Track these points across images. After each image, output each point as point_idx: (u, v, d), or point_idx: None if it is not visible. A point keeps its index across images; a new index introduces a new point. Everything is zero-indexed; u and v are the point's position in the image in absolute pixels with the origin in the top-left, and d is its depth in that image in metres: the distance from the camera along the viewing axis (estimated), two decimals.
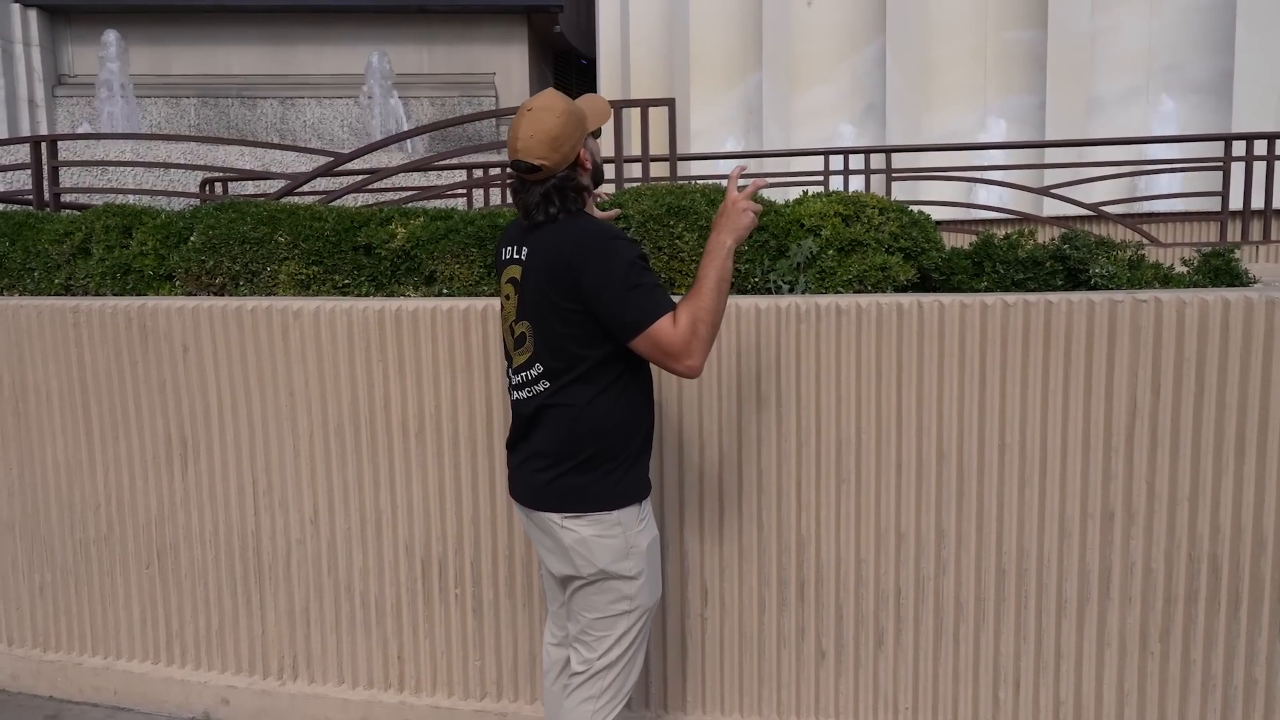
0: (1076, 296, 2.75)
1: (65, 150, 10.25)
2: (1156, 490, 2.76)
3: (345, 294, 3.43)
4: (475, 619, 3.21)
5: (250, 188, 9.35)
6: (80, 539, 3.62)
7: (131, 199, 6.78)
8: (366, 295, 3.39)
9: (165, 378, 3.40)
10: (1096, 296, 2.74)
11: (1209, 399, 2.70)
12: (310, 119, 16.91)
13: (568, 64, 21.97)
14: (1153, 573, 2.78)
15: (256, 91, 16.90)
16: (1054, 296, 2.75)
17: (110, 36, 13.68)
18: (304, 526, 3.32)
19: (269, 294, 3.49)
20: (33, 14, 16.12)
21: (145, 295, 3.63)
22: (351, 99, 16.40)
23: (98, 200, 8.24)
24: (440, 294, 3.30)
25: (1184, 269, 3.20)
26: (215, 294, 3.59)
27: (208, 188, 7.20)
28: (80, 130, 15.15)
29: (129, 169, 9.89)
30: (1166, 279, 3.08)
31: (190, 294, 3.61)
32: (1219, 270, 3.05)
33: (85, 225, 3.83)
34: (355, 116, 16.48)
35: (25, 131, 15.98)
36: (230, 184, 8.01)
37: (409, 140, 14.08)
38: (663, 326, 2.10)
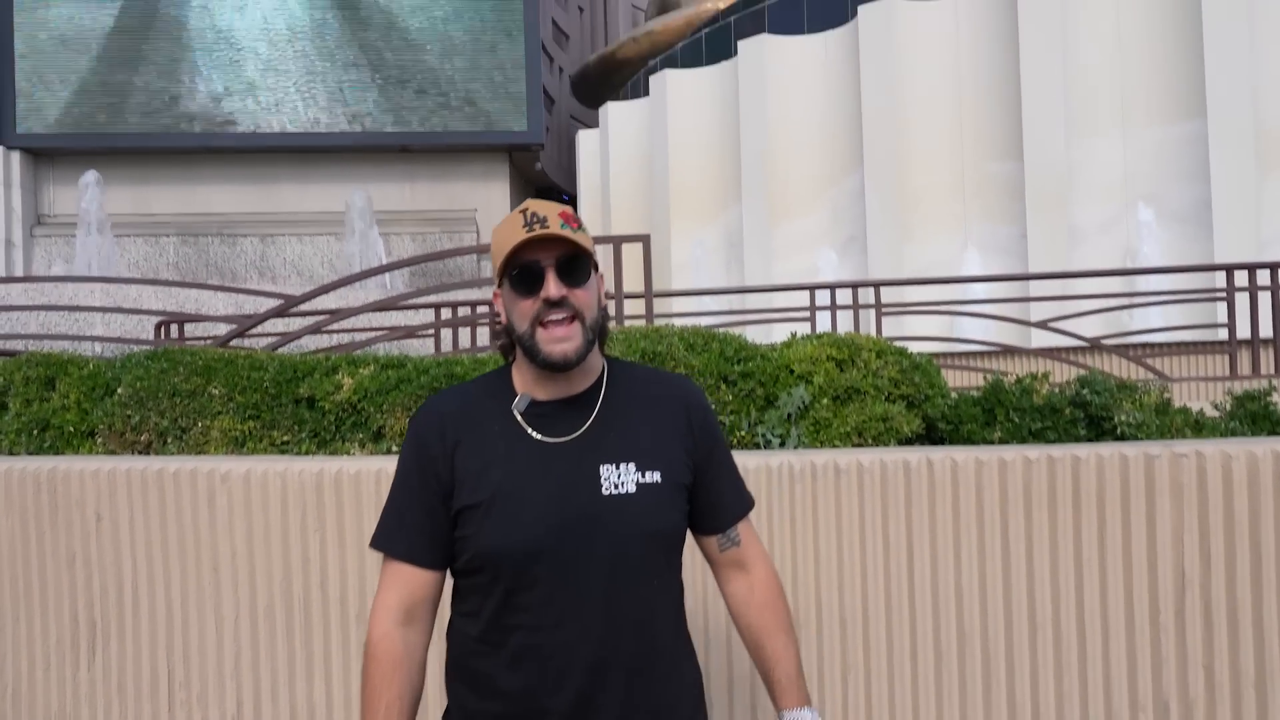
0: (1106, 449, 2.42)
1: (34, 292, 9.99)
2: (1216, 676, 2.36)
3: (284, 452, 3.07)
4: None
5: (223, 328, 9.09)
6: None
7: (76, 346, 6.46)
8: (307, 454, 3.03)
9: (75, 550, 2.99)
10: (1129, 450, 2.41)
11: (1269, 567, 2.34)
12: (290, 255, 16.91)
13: (550, 199, 22.30)
14: None
15: (237, 229, 16.94)
16: (1081, 450, 2.42)
17: (89, 177, 13.71)
18: None
19: (198, 452, 3.13)
20: (15, 156, 16.24)
21: (62, 454, 3.26)
22: (333, 235, 16.45)
23: (60, 346, 7.93)
24: (388, 452, 2.95)
25: (1215, 413, 2.90)
26: (140, 452, 3.22)
27: (162, 331, 6.91)
28: (54, 269, 15.03)
29: (61, 313, 9.51)
30: (1199, 426, 2.77)
31: (112, 452, 3.24)
32: (1256, 415, 2.74)
33: (4, 376, 3.49)
34: (335, 253, 16.48)
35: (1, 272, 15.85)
36: (189, 325, 7.73)
37: (388, 277, 13.98)
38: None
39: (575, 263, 1.59)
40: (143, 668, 2.92)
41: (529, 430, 1.60)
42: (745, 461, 2.51)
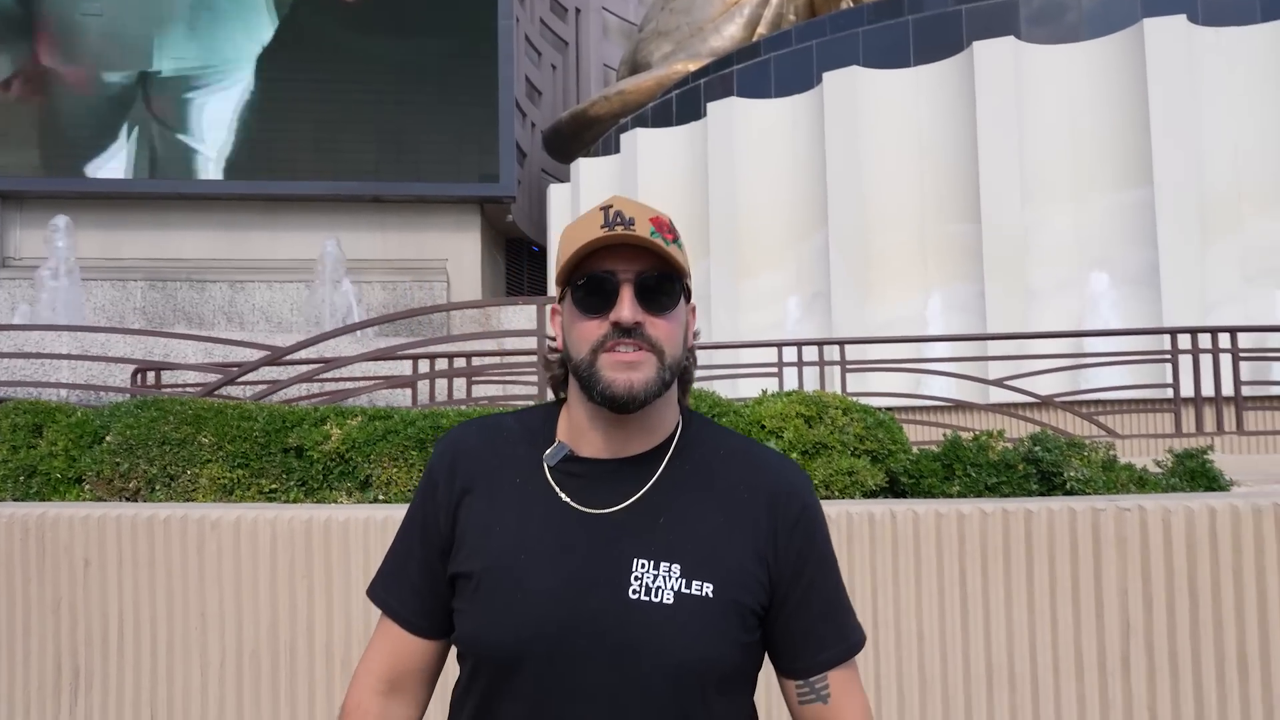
0: (1056, 504, 2.59)
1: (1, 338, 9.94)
2: (1159, 717, 2.52)
3: (272, 499, 3.16)
4: None
5: (196, 375, 9.09)
6: None
7: (51, 394, 6.46)
8: (295, 501, 3.13)
9: (61, 596, 3.04)
10: (1077, 504, 2.58)
11: (1204, 615, 2.52)
12: (259, 302, 16.95)
13: (520, 251, 22.53)
14: None
15: (206, 275, 16.97)
16: (1033, 504, 2.59)
17: (59, 221, 13.71)
18: None
19: (187, 500, 3.21)
20: None
21: (49, 501, 3.32)
22: (302, 283, 16.51)
23: (32, 394, 7.90)
24: (375, 500, 3.05)
25: (1157, 469, 3.09)
26: (128, 499, 3.29)
27: (139, 379, 6.94)
28: (18, 311, 14.91)
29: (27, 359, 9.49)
30: (1142, 482, 2.95)
31: (100, 499, 3.31)
32: (1195, 472, 2.94)
33: None
34: (304, 300, 16.54)
35: None
36: (165, 374, 7.75)
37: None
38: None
39: (662, 283, 1.17)
40: (125, 715, 2.97)
41: (557, 491, 1.19)
42: None
